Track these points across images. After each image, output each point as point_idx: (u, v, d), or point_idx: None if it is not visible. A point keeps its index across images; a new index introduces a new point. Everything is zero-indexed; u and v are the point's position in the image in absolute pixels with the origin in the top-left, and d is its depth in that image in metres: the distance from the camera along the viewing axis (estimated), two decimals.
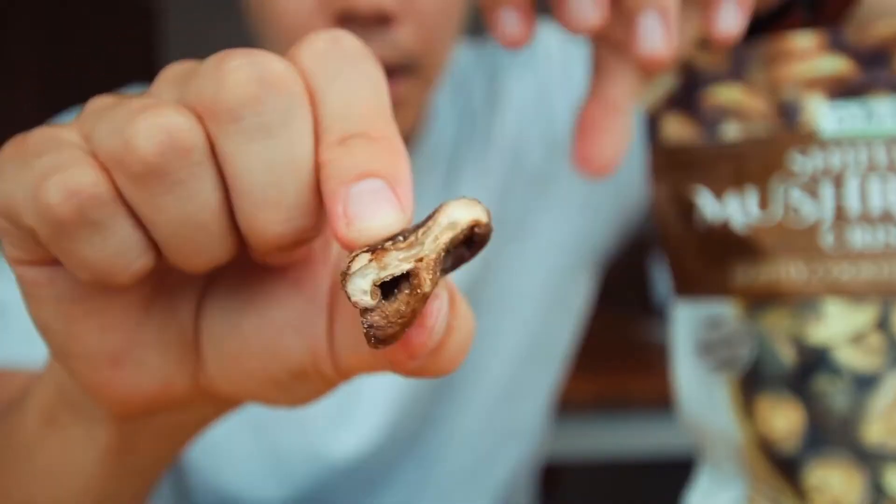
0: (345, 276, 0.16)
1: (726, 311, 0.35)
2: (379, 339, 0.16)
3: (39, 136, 0.18)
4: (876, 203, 0.33)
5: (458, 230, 0.17)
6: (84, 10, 2.40)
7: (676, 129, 0.37)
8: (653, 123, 0.38)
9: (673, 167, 0.37)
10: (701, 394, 0.36)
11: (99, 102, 0.19)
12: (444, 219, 0.17)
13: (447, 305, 0.18)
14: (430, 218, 0.17)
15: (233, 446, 0.54)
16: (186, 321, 0.22)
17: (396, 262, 0.16)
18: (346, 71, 0.19)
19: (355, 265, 0.16)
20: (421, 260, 0.16)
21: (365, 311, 0.16)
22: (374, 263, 0.16)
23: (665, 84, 0.37)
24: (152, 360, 0.22)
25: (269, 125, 0.18)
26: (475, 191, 0.56)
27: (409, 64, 0.45)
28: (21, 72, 2.17)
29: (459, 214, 0.17)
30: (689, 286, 0.37)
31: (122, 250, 0.18)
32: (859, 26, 0.35)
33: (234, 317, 0.22)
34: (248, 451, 0.54)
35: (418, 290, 0.16)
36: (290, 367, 0.22)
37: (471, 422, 0.58)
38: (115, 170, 0.17)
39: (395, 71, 0.45)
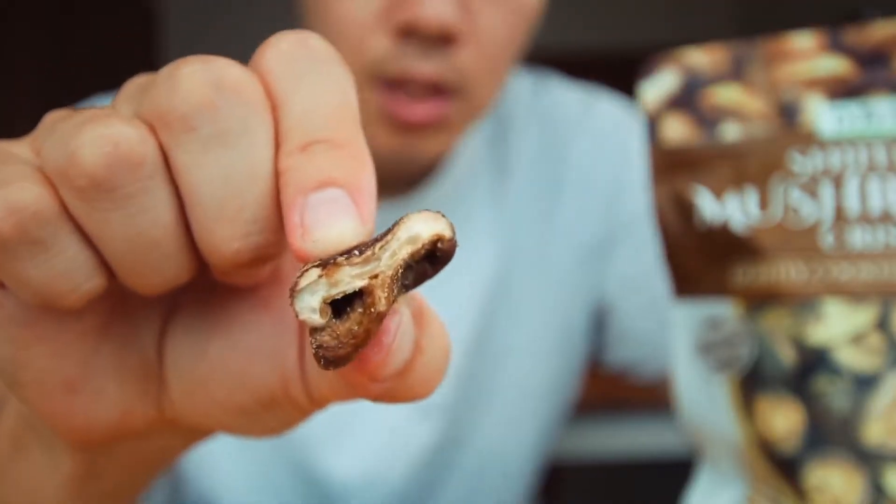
0: (293, 292, 0.15)
1: (726, 311, 0.35)
2: (329, 361, 0.15)
3: None
4: (876, 203, 0.33)
5: (418, 245, 0.16)
6: (84, 10, 2.40)
7: (676, 129, 0.37)
8: (652, 124, 0.38)
9: (672, 167, 0.37)
10: (701, 394, 0.36)
11: (54, 115, 0.18)
12: (403, 233, 0.16)
13: (409, 322, 0.17)
14: (389, 231, 0.16)
15: (227, 461, 0.53)
16: (149, 347, 0.21)
17: (349, 279, 0.15)
18: (312, 74, 0.18)
19: (304, 281, 0.15)
20: (376, 277, 0.15)
21: (314, 330, 0.15)
22: (324, 280, 0.15)
23: (665, 84, 0.37)
24: (110, 387, 0.20)
25: (225, 133, 0.17)
26: (488, 214, 0.56)
27: (462, 87, 0.44)
28: (21, 72, 2.17)
29: (421, 228, 0.16)
30: (688, 286, 0.37)
31: (69, 270, 0.17)
32: (859, 27, 0.35)
33: (201, 342, 0.21)
34: (243, 468, 0.53)
35: (372, 310, 0.15)
36: (260, 394, 0.20)
37: (471, 460, 0.57)
38: (61, 185, 0.16)
39: (447, 92, 0.44)
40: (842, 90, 0.34)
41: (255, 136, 0.17)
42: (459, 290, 0.55)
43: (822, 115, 0.34)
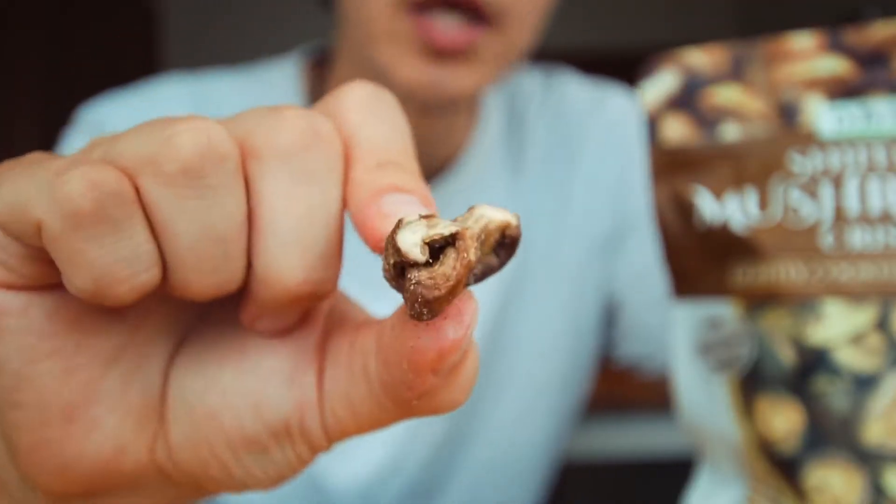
0: (395, 230, 0.16)
1: (726, 311, 0.35)
2: (425, 301, 0.16)
3: (38, 154, 0.18)
4: (875, 203, 0.33)
5: (493, 224, 0.17)
6: (85, 10, 2.40)
7: (676, 129, 0.37)
8: (652, 124, 0.38)
9: (672, 168, 0.37)
10: (701, 394, 0.36)
11: (145, 126, 0.19)
12: (478, 212, 0.17)
13: (477, 314, 0.18)
14: (462, 215, 0.17)
15: None
16: (152, 383, 0.21)
17: (445, 224, 0.16)
18: (384, 114, 0.20)
19: (406, 220, 0.16)
20: (466, 230, 0.16)
21: (413, 266, 0.16)
22: (423, 221, 0.16)
23: (665, 84, 0.37)
24: (108, 421, 0.20)
25: (313, 172, 0.18)
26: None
27: (498, 14, 0.45)
28: (21, 72, 2.17)
29: (492, 214, 0.17)
30: (688, 286, 0.37)
31: (131, 257, 0.17)
32: (859, 27, 0.35)
33: (212, 369, 0.20)
34: None
35: (464, 255, 0.16)
36: (274, 423, 0.20)
37: (481, 456, 0.57)
38: (143, 172, 0.17)
39: (482, 17, 0.44)
40: (842, 90, 0.34)
41: (334, 181, 0.19)
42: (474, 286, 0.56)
43: (822, 116, 0.34)
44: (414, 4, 0.44)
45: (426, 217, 0.16)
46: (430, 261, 0.16)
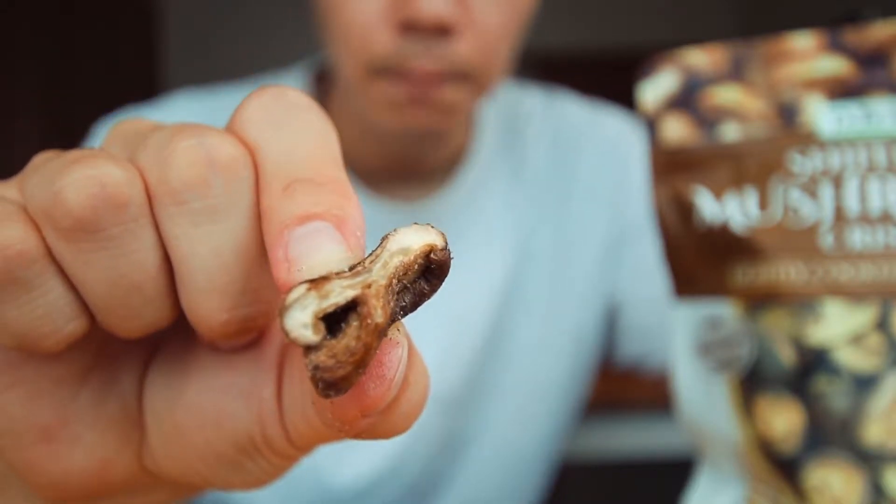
0: (282, 310, 0.14)
1: (726, 311, 0.35)
2: (328, 384, 0.14)
3: None
4: (875, 204, 0.33)
5: (410, 256, 0.15)
6: (84, 10, 2.40)
7: (676, 129, 0.37)
8: (652, 124, 0.38)
9: (672, 168, 0.37)
10: (701, 394, 0.36)
11: (43, 156, 0.18)
12: (393, 245, 0.15)
13: (406, 355, 0.16)
14: (378, 247, 0.15)
15: None
16: (129, 394, 0.20)
17: (339, 290, 0.14)
18: (290, 121, 0.18)
19: (292, 296, 0.14)
20: (369, 286, 0.14)
21: (308, 350, 0.14)
22: (313, 293, 0.14)
23: (665, 84, 0.37)
24: (89, 436, 0.19)
25: (215, 210, 0.17)
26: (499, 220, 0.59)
27: (464, 73, 0.46)
28: (21, 72, 2.17)
29: (411, 240, 0.15)
30: (688, 286, 0.37)
31: (50, 313, 0.17)
32: (859, 27, 0.35)
33: (177, 384, 0.20)
34: None
35: (368, 321, 0.14)
36: (237, 438, 0.20)
37: (481, 456, 0.58)
38: (45, 225, 0.16)
39: (450, 79, 0.46)
40: (841, 90, 0.34)
41: (244, 211, 0.17)
42: (474, 288, 0.57)
43: (822, 116, 0.34)
44: (390, 75, 0.46)
45: (316, 282, 0.14)
46: (328, 336, 0.14)
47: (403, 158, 0.55)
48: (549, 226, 0.59)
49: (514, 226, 0.58)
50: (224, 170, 0.17)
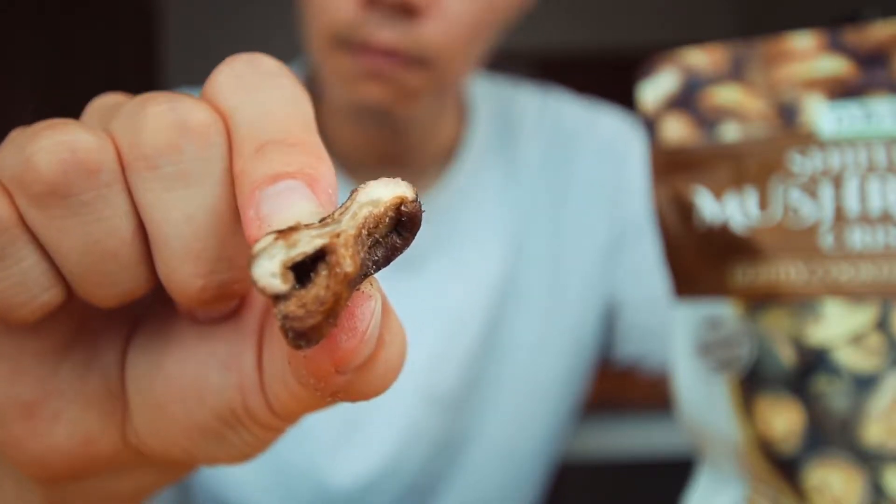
0: (249, 260, 0.14)
1: (726, 311, 0.35)
2: (298, 334, 0.14)
3: None
4: (875, 204, 0.33)
5: (380, 208, 0.15)
6: (84, 10, 2.40)
7: (676, 129, 0.37)
8: (652, 124, 0.38)
9: (672, 168, 0.37)
10: (700, 394, 0.36)
11: (16, 130, 0.18)
12: (363, 197, 0.15)
13: (380, 311, 0.16)
14: (348, 199, 0.15)
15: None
16: (111, 369, 0.20)
17: (308, 239, 0.14)
18: (262, 87, 0.18)
19: (259, 245, 0.14)
20: (338, 236, 0.14)
21: (277, 299, 0.14)
22: (281, 242, 0.14)
23: (664, 84, 0.37)
24: (71, 412, 0.19)
25: (187, 174, 0.17)
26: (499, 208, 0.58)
27: (425, 57, 0.46)
28: (21, 72, 2.17)
29: (381, 192, 0.15)
30: (688, 286, 0.37)
31: (24, 281, 0.17)
32: (859, 27, 0.35)
33: (157, 356, 0.20)
34: (252, 467, 0.54)
35: (337, 269, 0.14)
36: (219, 409, 0.19)
37: (480, 456, 0.58)
38: (17, 193, 0.16)
39: (410, 61, 0.46)
40: (841, 90, 0.34)
41: (217, 176, 0.17)
42: (469, 285, 0.57)
43: (822, 116, 0.34)
44: (349, 47, 0.46)
45: (284, 232, 0.14)
46: (297, 286, 0.14)
47: (388, 150, 0.54)
48: (546, 225, 0.59)
49: (509, 224, 0.58)
50: (196, 135, 0.17)
